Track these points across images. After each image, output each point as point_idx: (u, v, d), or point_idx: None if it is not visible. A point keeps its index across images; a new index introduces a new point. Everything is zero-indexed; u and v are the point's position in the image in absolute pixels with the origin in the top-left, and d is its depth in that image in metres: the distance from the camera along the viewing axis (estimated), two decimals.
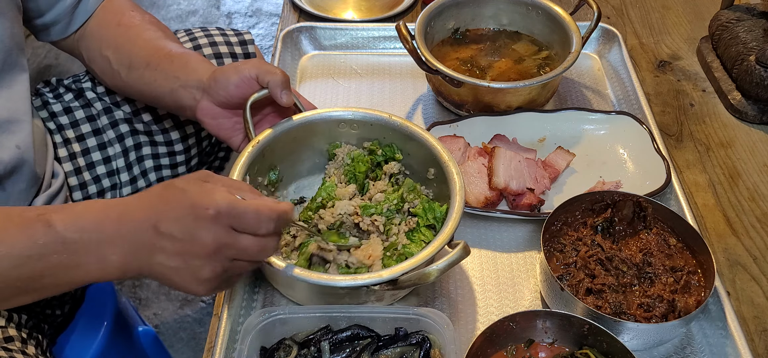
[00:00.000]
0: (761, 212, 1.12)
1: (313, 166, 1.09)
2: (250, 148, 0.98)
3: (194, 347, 1.82)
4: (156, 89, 1.03)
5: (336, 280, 0.86)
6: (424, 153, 1.01)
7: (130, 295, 1.92)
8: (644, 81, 1.39)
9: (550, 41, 1.34)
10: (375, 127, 1.05)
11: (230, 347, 0.90)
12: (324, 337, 0.86)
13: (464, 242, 0.85)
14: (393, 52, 1.45)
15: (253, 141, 0.99)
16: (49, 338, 1.05)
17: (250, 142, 0.99)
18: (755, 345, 0.94)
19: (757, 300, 0.99)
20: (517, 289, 0.99)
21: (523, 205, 1.06)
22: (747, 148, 1.25)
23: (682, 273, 0.92)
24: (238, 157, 0.97)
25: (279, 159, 1.04)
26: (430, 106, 1.32)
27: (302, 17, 1.53)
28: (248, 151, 0.97)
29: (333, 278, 0.86)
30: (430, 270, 0.83)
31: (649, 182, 1.10)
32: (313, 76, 1.39)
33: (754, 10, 1.41)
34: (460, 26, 1.39)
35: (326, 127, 1.06)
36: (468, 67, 1.31)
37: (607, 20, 1.55)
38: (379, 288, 0.85)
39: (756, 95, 1.28)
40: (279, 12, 2.59)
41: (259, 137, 0.99)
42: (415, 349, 0.85)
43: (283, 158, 1.05)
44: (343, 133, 1.07)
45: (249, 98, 0.98)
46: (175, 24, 3.08)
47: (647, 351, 0.91)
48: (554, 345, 0.87)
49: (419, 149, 1.02)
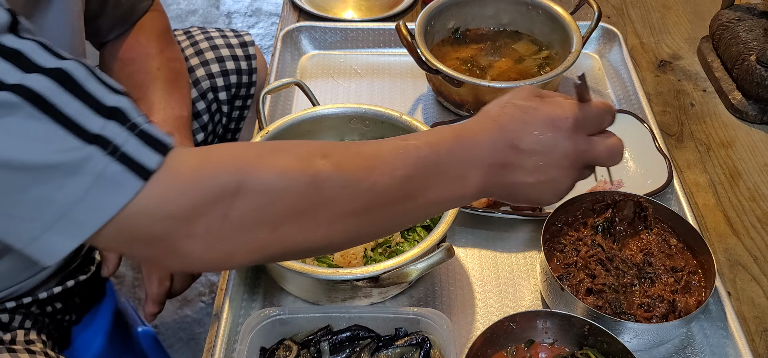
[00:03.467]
0: (762, 212, 1.12)
1: None
2: (258, 138, 1.00)
3: (194, 347, 1.82)
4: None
5: (317, 272, 0.87)
6: None
7: (129, 295, 1.92)
8: (645, 81, 1.39)
9: (550, 41, 1.34)
10: (386, 125, 1.07)
11: (230, 347, 0.90)
12: (324, 337, 0.86)
13: (449, 244, 0.87)
14: (393, 52, 1.45)
15: (263, 131, 1.00)
16: (55, 340, 1.05)
17: (261, 131, 1.01)
18: (756, 345, 0.93)
19: (757, 300, 0.99)
20: (517, 289, 0.99)
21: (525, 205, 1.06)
22: (747, 148, 1.24)
23: (683, 273, 0.92)
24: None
25: None
26: (430, 106, 1.32)
27: (302, 17, 1.53)
28: (257, 141, 0.99)
29: (314, 269, 0.88)
30: (408, 269, 0.85)
31: (651, 181, 1.09)
32: (313, 76, 1.39)
33: (755, 10, 1.41)
34: (460, 26, 1.39)
35: (338, 123, 1.07)
36: (468, 66, 1.31)
37: (608, 20, 1.55)
38: (362, 284, 0.87)
39: (756, 95, 1.28)
40: (279, 12, 2.59)
41: (269, 127, 1.00)
42: (415, 349, 0.85)
43: None
44: (354, 129, 1.08)
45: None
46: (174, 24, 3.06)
47: (647, 351, 0.91)
48: (554, 345, 0.87)
49: None
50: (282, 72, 1.37)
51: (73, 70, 0.57)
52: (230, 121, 1.35)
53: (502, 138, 0.71)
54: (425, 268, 0.86)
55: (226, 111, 1.32)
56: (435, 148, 0.69)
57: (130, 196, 0.57)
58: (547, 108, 0.72)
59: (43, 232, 0.57)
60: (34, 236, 0.57)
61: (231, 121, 1.36)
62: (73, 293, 1.09)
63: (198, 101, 1.26)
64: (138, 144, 0.58)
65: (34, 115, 0.54)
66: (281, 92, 1.31)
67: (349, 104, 1.07)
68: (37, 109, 0.54)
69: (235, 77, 1.32)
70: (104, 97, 0.58)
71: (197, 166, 0.61)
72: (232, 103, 1.34)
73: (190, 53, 1.30)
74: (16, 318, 0.97)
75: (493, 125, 0.72)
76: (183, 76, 1.15)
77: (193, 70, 1.28)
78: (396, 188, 0.67)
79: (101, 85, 0.59)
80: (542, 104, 0.73)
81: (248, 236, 0.62)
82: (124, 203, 0.57)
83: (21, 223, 0.57)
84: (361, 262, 0.96)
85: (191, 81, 1.25)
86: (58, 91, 0.56)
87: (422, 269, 0.86)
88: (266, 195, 0.62)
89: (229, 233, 0.61)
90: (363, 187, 0.65)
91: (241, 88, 1.33)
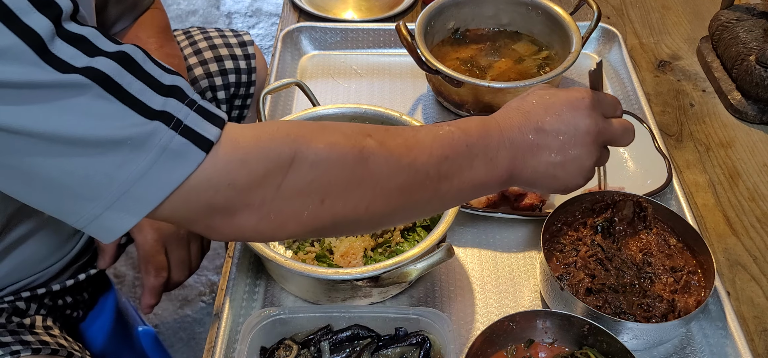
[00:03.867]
0: (761, 212, 1.12)
1: None
2: None
3: (194, 347, 1.82)
4: None
5: (317, 272, 0.88)
6: None
7: (130, 294, 1.92)
8: (644, 81, 1.39)
9: (550, 41, 1.34)
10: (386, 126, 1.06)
11: (230, 347, 0.90)
12: (324, 337, 0.86)
13: (449, 244, 0.87)
14: (393, 52, 1.45)
15: None
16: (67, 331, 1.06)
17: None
18: (755, 345, 0.93)
19: (757, 300, 0.99)
20: (517, 289, 0.99)
21: (525, 205, 1.06)
22: (747, 148, 1.25)
23: (682, 273, 0.92)
24: None
25: None
26: (430, 106, 1.32)
27: (302, 17, 1.53)
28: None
29: (314, 269, 0.88)
30: (408, 269, 0.86)
31: (650, 181, 1.10)
32: (313, 76, 1.39)
33: (754, 10, 1.41)
34: (460, 26, 1.39)
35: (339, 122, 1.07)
36: (468, 67, 1.31)
37: (607, 20, 1.55)
38: (362, 284, 0.87)
39: (756, 95, 1.28)
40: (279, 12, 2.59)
41: None
42: (415, 349, 0.85)
43: None
44: None
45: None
46: (174, 24, 3.07)
47: (647, 351, 0.91)
48: (554, 345, 0.87)
49: None
50: (282, 72, 1.37)
51: (133, 52, 0.60)
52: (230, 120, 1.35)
53: (527, 122, 0.76)
54: (425, 268, 0.86)
55: (225, 110, 1.32)
56: (466, 132, 0.73)
57: (193, 167, 0.60)
58: (564, 93, 0.79)
59: (105, 209, 0.59)
60: (96, 215, 0.60)
61: (230, 120, 1.36)
62: (83, 288, 1.10)
63: None
64: (198, 118, 0.61)
65: (102, 95, 0.57)
66: (281, 92, 1.31)
67: (349, 104, 1.07)
68: (105, 89, 0.57)
69: (234, 77, 1.32)
70: (162, 76, 0.61)
71: (255, 138, 0.64)
72: (232, 103, 1.34)
73: (188, 53, 1.30)
74: (32, 306, 0.99)
75: (517, 113, 0.77)
76: (182, 73, 1.16)
77: (191, 69, 1.28)
78: (433, 167, 0.71)
79: (157, 66, 0.62)
80: (560, 91, 0.79)
81: (299, 206, 0.65)
82: (188, 174, 0.60)
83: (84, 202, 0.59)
84: (361, 262, 0.96)
85: (189, 80, 1.25)
86: (122, 72, 0.58)
87: (422, 269, 0.86)
88: (318, 167, 0.65)
89: (282, 204, 0.65)
90: (404, 163, 0.69)
91: (240, 87, 1.33)
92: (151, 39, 1.14)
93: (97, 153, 0.57)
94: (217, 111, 0.64)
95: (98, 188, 0.59)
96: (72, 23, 0.58)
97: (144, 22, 1.16)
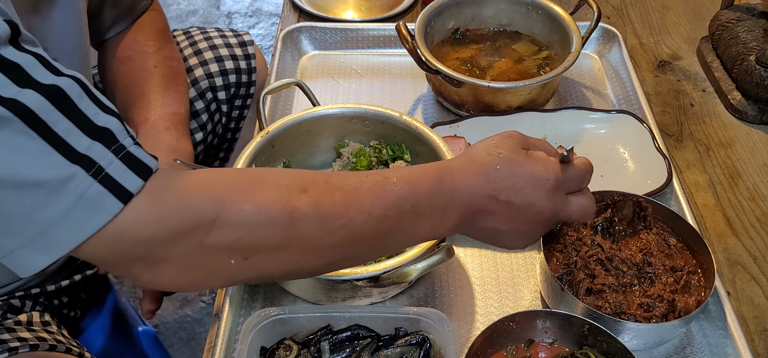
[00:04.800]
0: (761, 212, 1.12)
1: (326, 161, 1.11)
2: (258, 138, 0.99)
3: (194, 347, 1.82)
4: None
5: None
6: (433, 155, 1.01)
7: (130, 295, 1.92)
8: (644, 81, 1.39)
9: (550, 41, 1.34)
10: (386, 126, 1.06)
11: (230, 347, 0.90)
12: (324, 337, 0.86)
13: (449, 244, 0.87)
14: (393, 52, 1.45)
15: (263, 131, 1.00)
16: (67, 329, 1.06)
17: (262, 131, 1.01)
18: (755, 345, 0.93)
19: (757, 300, 0.99)
20: (517, 289, 0.99)
21: None
22: (747, 148, 1.25)
23: (682, 273, 0.92)
24: (246, 146, 0.98)
25: (290, 152, 1.05)
26: (430, 106, 1.32)
27: (302, 17, 1.53)
28: (257, 141, 0.98)
29: None
30: (408, 269, 0.86)
31: (650, 181, 1.10)
32: (313, 76, 1.39)
33: (754, 10, 1.41)
34: (460, 26, 1.39)
35: (338, 123, 1.07)
36: (468, 67, 1.31)
37: (607, 20, 1.55)
38: (362, 284, 0.87)
39: (756, 95, 1.28)
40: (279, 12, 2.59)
41: (269, 128, 1.00)
42: (415, 349, 0.85)
43: (295, 151, 1.06)
44: (354, 130, 1.08)
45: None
46: (174, 24, 3.07)
47: (647, 351, 0.91)
48: (554, 345, 0.87)
49: (428, 150, 1.02)
50: (282, 72, 1.37)
51: (68, 88, 0.58)
52: (230, 120, 1.36)
53: (485, 187, 0.73)
54: (425, 268, 0.86)
55: (225, 110, 1.32)
56: (415, 189, 0.71)
57: (109, 217, 0.59)
58: (531, 165, 0.75)
59: (18, 247, 0.58)
60: (10, 250, 0.59)
61: (231, 120, 1.36)
62: (79, 288, 1.10)
63: (196, 101, 1.26)
64: (121, 167, 0.59)
65: (24, 131, 0.55)
66: (281, 92, 1.31)
67: (349, 104, 1.07)
68: (27, 125, 0.55)
69: (234, 77, 1.32)
70: (95, 116, 0.59)
71: (177, 194, 0.62)
72: (232, 103, 1.34)
73: (188, 53, 1.30)
74: (27, 303, 0.99)
75: (478, 172, 0.74)
76: (180, 75, 1.16)
77: (192, 70, 1.28)
78: (371, 226, 0.69)
79: (94, 103, 0.60)
80: (527, 160, 0.75)
81: (221, 262, 0.64)
82: (103, 224, 0.58)
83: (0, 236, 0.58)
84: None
85: (189, 81, 1.25)
86: (49, 108, 0.56)
87: (422, 269, 0.86)
88: (243, 228, 0.64)
89: (203, 260, 0.64)
90: (337, 224, 0.67)
91: (240, 87, 1.33)
92: (149, 42, 1.14)
93: (16, 191, 0.55)
94: (147, 158, 0.61)
95: (16, 224, 0.57)
96: (9, 48, 0.56)
97: (142, 24, 1.15)
